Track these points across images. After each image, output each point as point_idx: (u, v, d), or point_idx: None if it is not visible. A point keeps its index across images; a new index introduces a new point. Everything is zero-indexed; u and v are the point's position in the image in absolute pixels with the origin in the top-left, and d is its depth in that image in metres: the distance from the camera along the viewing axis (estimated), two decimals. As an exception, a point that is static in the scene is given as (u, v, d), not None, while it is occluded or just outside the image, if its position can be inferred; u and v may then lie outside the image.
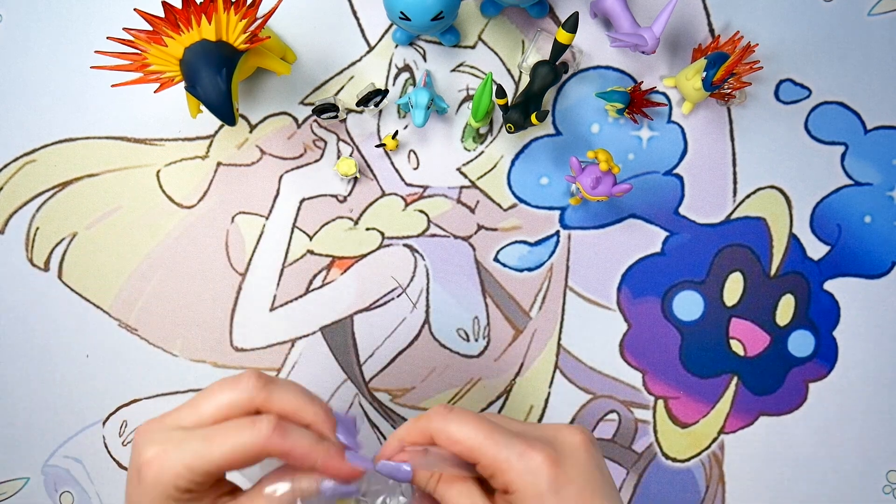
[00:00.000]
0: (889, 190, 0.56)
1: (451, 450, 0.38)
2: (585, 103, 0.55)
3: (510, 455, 0.37)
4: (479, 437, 0.37)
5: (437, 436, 0.39)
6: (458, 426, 0.38)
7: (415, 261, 0.55)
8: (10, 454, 0.55)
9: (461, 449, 0.38)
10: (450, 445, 0.38)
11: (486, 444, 0.37)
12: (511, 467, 0.36)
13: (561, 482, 0.36)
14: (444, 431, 0.38)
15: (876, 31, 0.56)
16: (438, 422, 0.39)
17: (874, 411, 0.56)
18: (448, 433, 0.38)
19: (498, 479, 0.37)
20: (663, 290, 0.56)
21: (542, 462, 0.36)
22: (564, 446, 0.38)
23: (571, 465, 0.37)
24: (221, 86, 0.43)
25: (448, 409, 0.39)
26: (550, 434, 0.39)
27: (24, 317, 0.55)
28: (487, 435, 0.37)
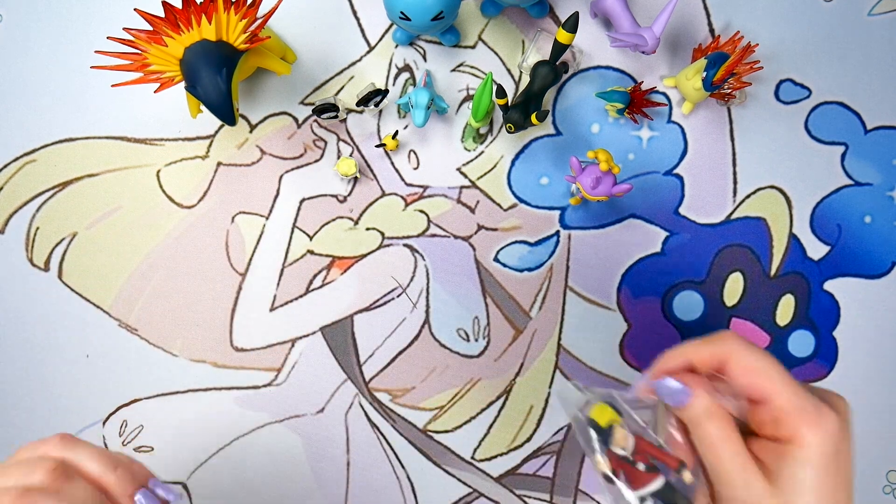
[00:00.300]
0: (889, 190, 0.56)
1: (743, 380, 0.36)
2: (585, 103, 0.55)
3: (807, 405, 0.35)
4: (778, 376, 0.36)
5: (734, 363, 0.37)
6: (763, 360, 0.36)
7: (415, 261, 0.55)
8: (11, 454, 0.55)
9: (757, 382, 0.36)
10: (744, 375, 0.36)
11: (785, 385, 0.35)
12: (806, 419, 0.35)
13: (844, 448, 0.35)
14: (743, 359, 0.36)
15: (876, 31, 0.56)
16: (737, 347, 0.37)
17: (874, 411, 0.56)
18: (748, 362, 0.36)
19: (783, 427, 0.35)
20: (663, 290, 0.56)
21: (835, 426, 0.35)
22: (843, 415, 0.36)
23: (849, 435, 0.36)
24: (221, 86, 0.43)
25: (744, 341, 0.37)
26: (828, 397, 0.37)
27: (24, 317, 0.55)
28: (786, 377, 0.36)
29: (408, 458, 0.55)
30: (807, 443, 0.35)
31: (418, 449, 0.55)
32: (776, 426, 0.36)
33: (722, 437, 0.36)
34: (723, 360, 0.37)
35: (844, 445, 0.35)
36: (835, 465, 0.35)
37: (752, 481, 0.36)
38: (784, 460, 0.35)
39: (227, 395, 0.55)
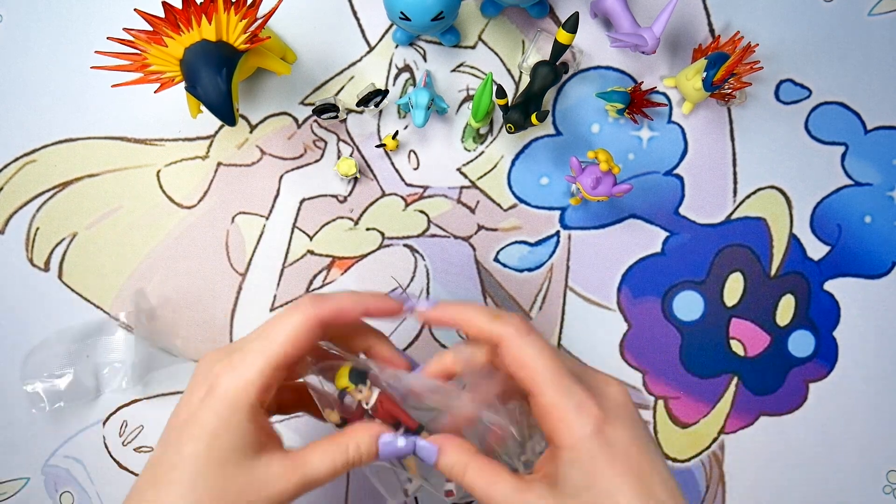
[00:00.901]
0: (889, 190, 0.56)
1: (512, 370, 0.36)
2: (585, 103, 0.55)
3: (568, 405, 0.35)
4: (547, 374, 0.35)
5: (508, 351, 0.36)
6: (534, 353, 0.36)
7: (415, 261, 0.55)
8: (10, 454, 0.55)
9: (524, 376, 0.36)
10: (515, 367, 0.36)
11: (551, 384, 0.35)
12: (564, 418, 0.35)
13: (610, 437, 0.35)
14: (518, 350, 0.36)
15: (876, 31, 0.56)
16: (515, 338, 0.36)
17: (874, 411, 0.56)
18: (521, 355, 0.36)
19: (546, 424, 0.36)
20: (663, 290, 0.56)
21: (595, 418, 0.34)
22: (611, 402, 0.36)
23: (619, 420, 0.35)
24: (221, 86, 0.43)
25: (528, 327, 0.37)
26: (599, 384, 0.37)
27: (24, 317, 0.55)
28: (556, 376, 0.35)
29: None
30: (565, 442, 0.35)
31: (418, 449, 0.55)
32: (542, 421, 0.36)
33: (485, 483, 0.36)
34: (496, 341, 0.37)
35: (615, 433, 0.35)
36: (604, 456, 0.34)
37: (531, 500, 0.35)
38: (555, 464, 0.36)
39: (227, 396, 0.55)
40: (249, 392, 0.35)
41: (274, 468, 0.35)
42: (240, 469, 0.34)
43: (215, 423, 0.34)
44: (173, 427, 0.36)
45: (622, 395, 0.37)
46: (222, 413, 0.35)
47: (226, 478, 0.34)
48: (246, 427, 0.35)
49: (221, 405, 0.35)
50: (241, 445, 0.34)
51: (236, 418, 0.34)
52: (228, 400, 0.35)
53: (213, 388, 0.35)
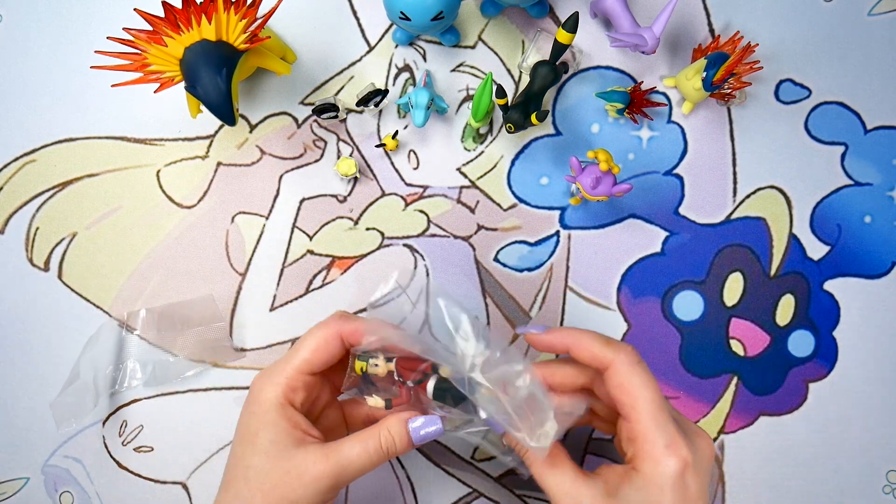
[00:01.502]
0: (889, 190, 0.56)
1: (614, 393, 0.39)
2: (585, 103, 0.55)
3: (659, 439, 0.38)
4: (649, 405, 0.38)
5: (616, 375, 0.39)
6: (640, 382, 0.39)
7: (415, 261, 0.55)
8: (10, 454, 0.55)
9: (625, 401, 0.39)
10: (619, 391, 0.39)
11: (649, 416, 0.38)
12: (654, 451, 0.37)
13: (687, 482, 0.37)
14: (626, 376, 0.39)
15: (876, 31, 0.56)
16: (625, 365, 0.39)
17: (874, 411, 0.56)
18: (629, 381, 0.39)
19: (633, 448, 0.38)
20: (663, 290, 0.56)
21: (681, 464, 0.37)
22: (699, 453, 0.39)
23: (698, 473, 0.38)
24: (221, 86, 0.43)
25: (638, 357, 0.40)
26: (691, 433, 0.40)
27: (24, 317, 0.55)
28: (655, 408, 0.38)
29: (408, 458, 0.55)
30: (645, 471, 0.38)
31: (418, 449, 0.55)
32: (629, 444, 0.39)
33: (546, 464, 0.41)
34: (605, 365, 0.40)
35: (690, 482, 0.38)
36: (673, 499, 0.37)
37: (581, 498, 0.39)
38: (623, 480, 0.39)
39: (227, 395, 0.55)
40: (277, 393, 0.41)
41: (311, 456, 0.40)
42: (279, 460, 0.40)
43: (255, 423, 0.41)
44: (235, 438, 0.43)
45: (710, 449, 0.40)
46: (259, 414, 0.41)
47: (268, 467, 0.40)
48: (279, 423, 0.41)
49: (258, 408, 0.41)
50: (277, 439, 0.40)
51: (270, 416, 0.41)
52: (262, 402, 0.41)
53: (253, 397, 0.42)
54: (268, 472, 0.40)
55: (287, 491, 0.40)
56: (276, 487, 0.40)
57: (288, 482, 0.40)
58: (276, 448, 0.40)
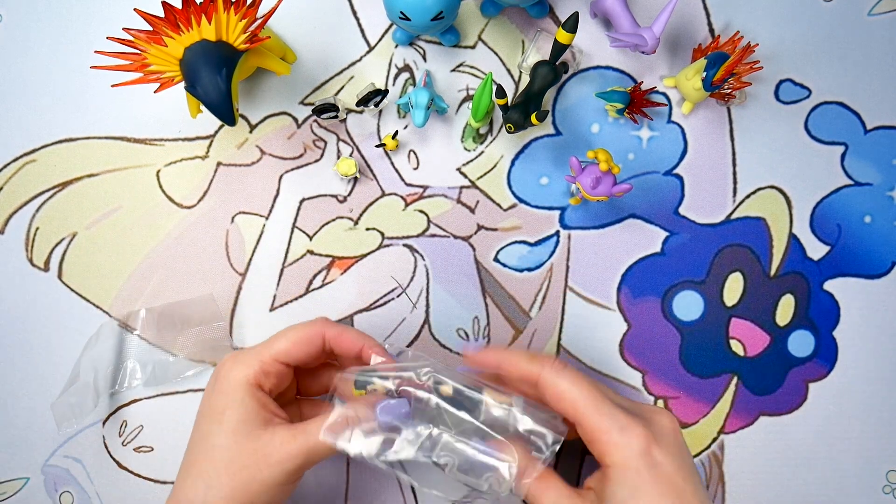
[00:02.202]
0: (889, 190, 0.56)
1: (554, 405, 0.40)
2: (585, 103, 0.55)
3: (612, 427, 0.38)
4: (586, 402, 0.38)
5: (545, 387, 0.40)
6: (569, 385, 0.39)
7: (415, 261, 0.55)
8: (10, 454, 0.55)
9: (565, 407, 0.39)
10: (555, 401, 0.39)
11: (592, 410, 0.38)
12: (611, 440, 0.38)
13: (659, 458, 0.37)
14: (554, 385, 0.39)
15: (876, 31, 0.56)
16: (550, 374, 0.40)
17: (874, 411, 0.56)
18: (558, 389, 0.39)
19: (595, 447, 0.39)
20: (663, 290, 0.56)
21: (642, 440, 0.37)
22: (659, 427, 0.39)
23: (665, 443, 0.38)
24: (221, 86, 0.43)
25: (563, 364, 0.40)
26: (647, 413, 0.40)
27: (24, 317, 0.55)
28: (595, 402, 0.38)
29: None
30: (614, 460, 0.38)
31: (418, 449, 0.55)
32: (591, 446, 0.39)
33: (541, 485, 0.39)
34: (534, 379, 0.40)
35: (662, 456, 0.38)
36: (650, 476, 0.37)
37: None
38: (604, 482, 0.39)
39: (227, 395, 0.55)
40: (248, 374, 0.41)
41: (279, 436, 0.40)
42: (249, 438, 0.40)
43: (222, 402, 0.41)
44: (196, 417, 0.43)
45: (671, 422, 0.40)
46: (227, 393, 0.41)
47: (238, 446, 0.40)
48: (249, 403, 0.41)
49: (226, 386, 0.41)
50: (247, 419, 0.40)
51: (238, 395, 0.41)
52: (231, 381, 0.41)
53: (219, 377, 0.42)
54: (235, 451, 0.40)
55: (254, 471, 0.40)
56: (244, 468, 0.40)
57: (255, 462, 0.40)
58: (244, 427, 0.40)
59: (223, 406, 0.41)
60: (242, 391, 0.41)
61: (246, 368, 0.42)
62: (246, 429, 0.40)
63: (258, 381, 0.42)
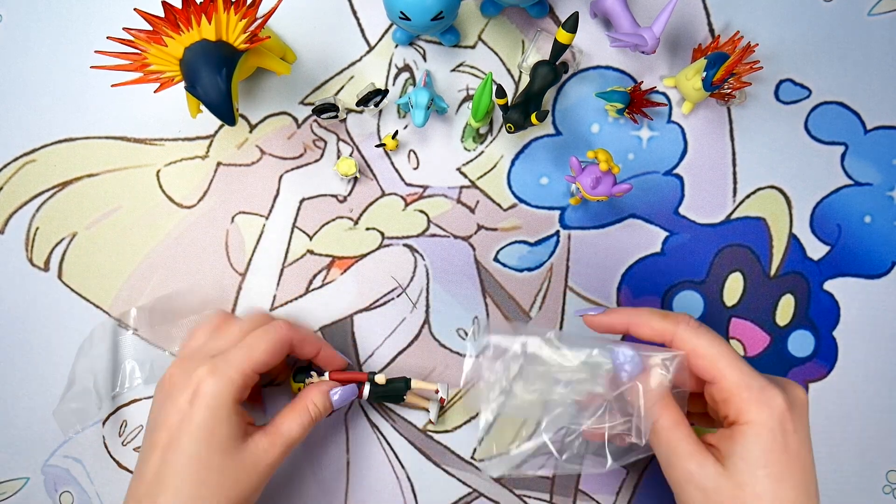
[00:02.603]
0: (889, 190, 0.56)
1: (691, 362, 0.39)
2: (585, 103, 0.55)
3: (752, 384, 0.37)
4: (728, 359, 0.38)
5: (682, 345, 0.39)
6: (709, 343, 0.39)
7: (415, 261, 0.55)
8: (10, 454, 0.55)
9: (704, 364, 0.38)
10: (693, 359, 0.39)
11: (734, 368, 0.38)
12: (751, 397, 0.37)
13: (791, 427, 0.37)
14: (690, 342, 0.39)
15: (876, 31, 0.56)
16: (687, 332, 0.39)
17: (874, 411, 0.56)
18: (695, 345, 0.39)
19: (731, 405, 0.37)
20: (663, 290, 0.56)
21: (781, 402, 0.37)
22: (793, 398, 0.38)
23: (798, 415, 0.37)
24: (221, 86, 0.43)
25: (698, 323, 0.40)
26: (782, 382, 0.39)
27: (24, 317, 0.55)
28: (736, 360, 0.38)
29: (407, 458, 0.55)
30: (751, 419, 0.37)
31: (418, 449, 0.55)
32: (726, 405, 0.38)
33: (672, 422, 0.39)
34: (670, 339, 0.40)
35: (793, 426, 0.37)
36: (783, 442, 0.36)
37: (705, 463, 0.37)
38: (733, 440, 0.37)
39: (226, 395, 0.55)
40: (232, 391, 0.41)
41: (261, 445, 0.42)
42: (236, 453, 0.41)
43: (209, 420, 0.40)
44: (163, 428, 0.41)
45: (804, 395, 0.39)
46: (213, 410, 0.41)
47: (226, 464, 0.40)
48: (233, 419, 0.41)
49: (212, 403, 0.41)
50: (232, 435, 0.41)
51: (224, 413, 0.41)
52: (216, 399, 0.41)
53: (199, 391, 0.41)
54: (226, 469, 0.40)
55: (245, 485, 0.41)
56: (238, 482, 0.40)
57: (245, 475, 0.41)
58: (231, 443, 0.41)
59: (210, 425, 0.41)
60: (228, 408, 0.41)
61: (228, 384, 0.41)
62: (232, 445, 0.41)
63: (240, 395, 0.43)
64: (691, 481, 0.37)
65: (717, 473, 0.37)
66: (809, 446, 0.38)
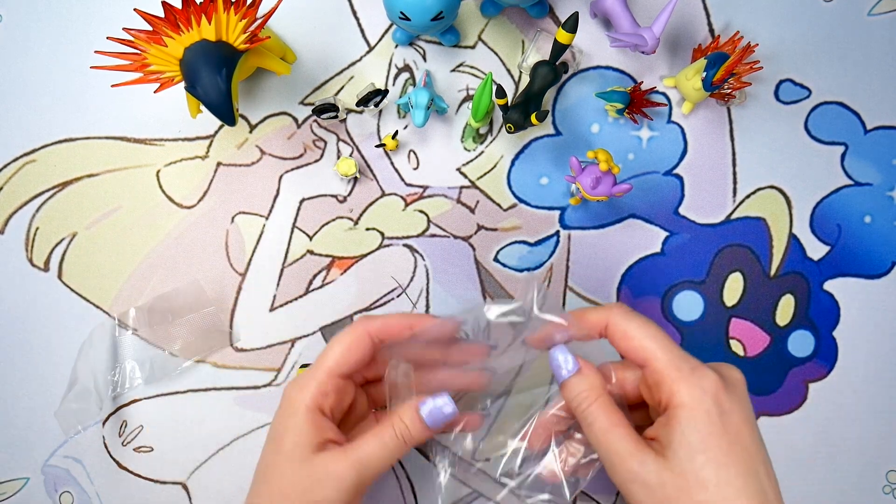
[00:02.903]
0: (889, 190, 0.56)
1: (623, 345, 0.39)
2: (585, 103, 0.55)
3: (682, 366, 0.37)
4: (658, 343, 0.38)
5: (614, 329, 0.39)
6: (639, 326, 0.39)
7: (415, 261, 0.55)
8: (10, 454, 0.55)
9: (635, 347, 0.38)
10: (624, 342, 0.39)
11: (664, 351, 0.37)
12: (682, 378, 0.36)
13: (727, 407, 0.36)
14: (621, 326, 0.39)
15: (876, 31, 0.56)
16: (619, 317, 0.39)
17: (874, 411, 0.56)
18: (626, 329, 0.39)
19: (663, 388, 0.37)
20: (663, 290, 0.56)
21: (714, 382, 0.36)
22: (728, 377, 0.38)
23: (735, 394, 0.37)
24: (221, 86, 0.43)
25: (630, 309, 0.40)
26: (714, 365, 0.39)
27: (24, 317, 0.55)
28: (666, 343, 0.38)
29: (407, 458, 0.55)
30: (684, 400, 0.36)
31: (418, 449, 0.55)
32: (658, 388, 0.38)
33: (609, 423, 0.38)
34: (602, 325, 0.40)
35: (730, 405, 0.36)
36: (720, 423, 0.35)
37: (645, 460, 0.36)
38: (670, 427, 0.36)
39: (227, 396, 0.55)
40: (305, 397, 0.41)
41: (330, 458, 0.40)
42: (302, 463, 0.40)
43: (282, 427, 0.41)
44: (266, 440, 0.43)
45: (739, 374, 0.39)
46: (286, 417, 0.41)
47: (290, 471, 0.40)
48: (303, 427, 0.40)
49: (286, 412, 0.41)
50: (300, 442, 0.40)
51: (296, 420, 0.40)
52: (291, 406, 0.41)
53: (283, 402, 0.42)
54: (289, 475, 0.40)
55: (310, 495, 0.39)
56: (304, 492, 0.40)
57: (310, 485, 0.40)
58: (298, 451, 0.40)
59: (282, 431, 0.41)
60: (301, 415, 0.41)
61: (304, 391, 0.41)
62: (301, 452, 0.40)
63: (317, 402, 0.41)
64: (636, 480, 0.36)
65: (660, 468, 0.36)
66: (752, 426, 0.37)
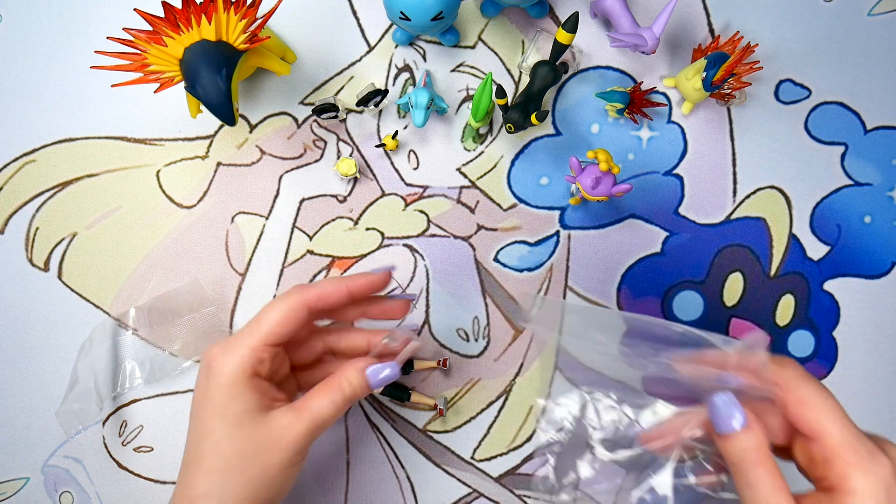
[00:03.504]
0: (889, 190, 0.56)
1: (797, 412, 0.36)
2: (585, 103, 0.55)
3: (860, 449, 0.34)
4: (836, 416, 0.35)
5: (790, 391, 0.36)
6: (816, 393, 0.35)
7: (415, 261, 0.55)
8: (10, 454, 0.55)
9: (809, 416, 0.35)
10: (800, 409, 0.36)
11: (838, 427, 0.35)
12: (858, 464, 0.34)
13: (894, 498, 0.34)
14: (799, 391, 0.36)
15: (876, 31, 0.56)
16: (796, 379, 0.36)
17: (874, 411, 0.56)
18: (804, 396, 0.36)
19: (833, 468, 0.35)
20: (663, 290, 0.56)
21: (889, 471, 0.34)
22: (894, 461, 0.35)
23: None
24: (221, 86, 0.43)
25: (804, 370, 0.37)
26: (878, 442, 0.36)
27: (24, 317, 0.55)
28: (842, 419, 0.35)
29: (407, 458, 0.55)
30: (856, 486, 0.34)
31: (418, 449, 0.55)
32: (826, 466, 0.35)
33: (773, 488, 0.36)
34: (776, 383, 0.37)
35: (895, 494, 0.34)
36: None
37: None
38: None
39: (226, 395, 0.55)
40: (244, 365, 0.41)
41: (284, 419, 0.41)
42: (254, 427, 0.40)
43: (223, 396, 0.41)
44: (192, 413, 0.42)
45: None
46: (224, 385, 0.41)
47: (245, 437, 0.40)
48: (248, 394, 0.40)
49: (223, 380, 0.41)
50: (249, 409, 0.40)
51: (237, 388, 0.40)
52: (227, 374, 0.41)
53: (211, 370, 0.41)
54: (243, 442, 0.40)
55: (266, 458, 0.40)
56: (255, 456, 0.40)
57: (266, 449, 0.40)
58: (247, 417, 0.40)
59: (223, 401, 0.40)
60: (241, 384, 0.40)
61: (239, 359, 0.41)
62: (250, 418, 0.40)
63: (254, 369, 0.41)
64: None
65: None
66: None
